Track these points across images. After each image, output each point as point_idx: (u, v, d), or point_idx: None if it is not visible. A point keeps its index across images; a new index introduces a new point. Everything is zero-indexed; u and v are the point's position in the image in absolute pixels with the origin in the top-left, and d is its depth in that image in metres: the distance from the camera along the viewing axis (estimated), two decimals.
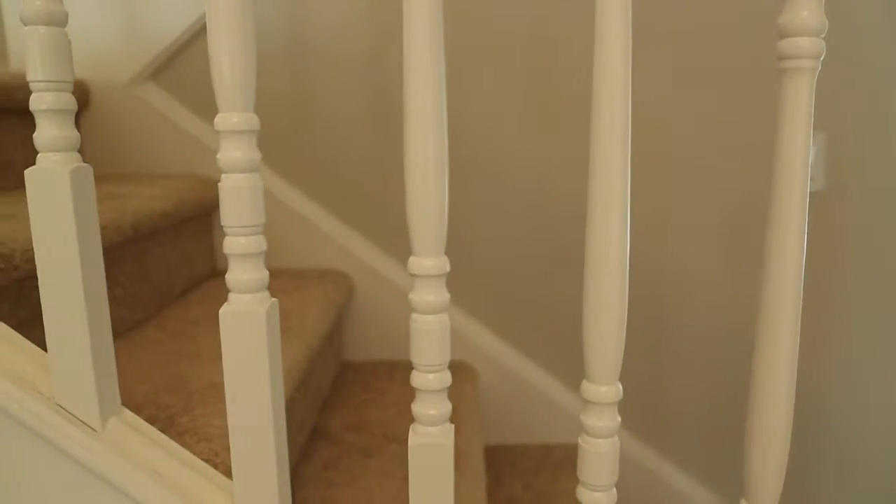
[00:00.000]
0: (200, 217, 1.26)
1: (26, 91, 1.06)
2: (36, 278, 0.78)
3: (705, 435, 1.42)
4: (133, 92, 1.28)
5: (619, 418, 0.54)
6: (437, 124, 0.49)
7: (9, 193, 1.01)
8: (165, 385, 0.80)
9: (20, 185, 1.07)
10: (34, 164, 0.49)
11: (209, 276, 1.29)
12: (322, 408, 1.18)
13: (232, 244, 0.51)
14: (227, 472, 0.63)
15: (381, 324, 1.35)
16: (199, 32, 1.28)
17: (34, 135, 0.51)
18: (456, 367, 1.28)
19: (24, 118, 1.08)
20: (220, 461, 0.66)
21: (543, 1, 1.26)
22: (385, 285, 1.33)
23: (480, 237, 1.34)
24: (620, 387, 0.53)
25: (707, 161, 1.31)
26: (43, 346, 0.58)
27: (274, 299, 0.53)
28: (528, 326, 1.38)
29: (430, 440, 0.53)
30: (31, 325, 0.78)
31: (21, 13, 0.49)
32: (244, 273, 0.51)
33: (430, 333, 0.52)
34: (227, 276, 0.51)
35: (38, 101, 0.50)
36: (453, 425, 0.55)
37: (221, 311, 0.51)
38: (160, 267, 1.10)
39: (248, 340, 0.51)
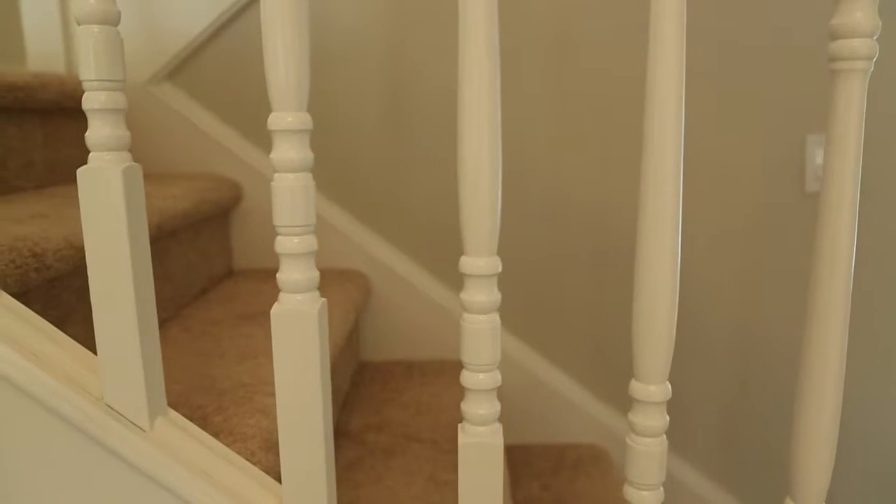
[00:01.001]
0: (218, 217, 1.26)
1: (47, 91, 1.06)
2: (66, 278, 0.79)
3: (720, 435, 1.42)
4: (150, 91, 1.28)
5: (668, 417, 0.54)
6: (492, 122, 0.49)
7: (32, 193, 1.00)
8: (196, 385, 0.80)
9: (42, 184, 1.07)
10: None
11: (226, 276, 1.29)
12: (342, 407, 1.18)
13: (284, 244, 0.50)
14: (266, 472, 0.63)
15: (398, 324, 1.35)
16: (216, 32, 1.28)
17: (86, 134, 0.51)
18: None
19: (46, 118, 1.08)
20: (256, 461, 0.66)
21: (565, 2, 1.27)
22: (402, 285, 1.33)
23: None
24: (669, 386, 0.54)
25: (719, 164, 1.32)
26: None
27: (323, 299, 0.53)
28: (544, 326, 1.38)
29: (481, 440, 0.53)
30: (62, 325, 0.78)
31: (75, 12, 0.49)
32: (296, 273, 0.51)
33: (482, 333, 0.52)
34: (278, 275, 0.51)
35: (91, 100, 0.50)
36: (501, 425, 0.55)
37: (273, 310, 0.51)
38: (180, 266, 1.09)
39: (301, 340, 0.51)
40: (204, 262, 1.19)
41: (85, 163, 0.51)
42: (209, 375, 0.84)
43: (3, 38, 1.27)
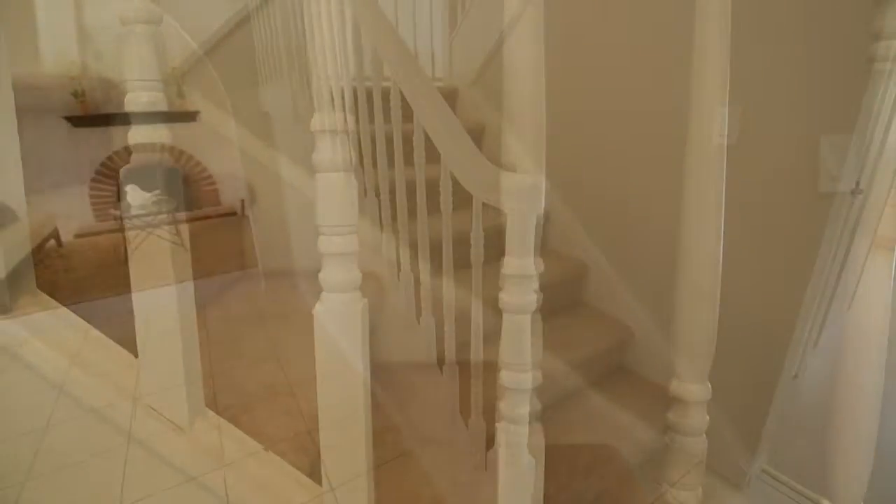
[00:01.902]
0: (233, 217, 1.25)
1: (62, 91, 1.05)
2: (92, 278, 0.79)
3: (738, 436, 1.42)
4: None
5: (708, 417, 0.54)
6: (537, 131, 0.49)
7: (50, 193, 1.00)
8: (221, 386, 0.80)
9: (58, 184, 1.06)
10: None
11: (241, 277, 1.28)
12: None
13: (327, 244, 0.50)
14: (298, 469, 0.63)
15: (408, 325, 1.35)
16: (227, 33, 1.28)
17: (129, 133, 0.50)
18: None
19: (61, 118, 1.07)
20: (287, 461, 0.66)
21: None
22: (412, 286, 1.33)
23: None
24: (709, 385, 0.54)
25: (733, 164, 1.32)
26: None
27: (365, 299, 0.53)
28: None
29: (520, 439, 0.53)
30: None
31: (119, 13, 0.48)
32: (339, 273, 0.51)
33: (523, 333, 0.52)
34: (320, 275, 0.51)
35: (133, 101, 0.50)
36: (541, 424, 0.55)
37: (316, 309, 0.51)
38: (196, 266, 1.09)
39: (344, 338, 0.51)
40: (218, 262, 1.19)
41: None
42: (232, 376, 0.84)
43: (19, 40, 1.26)
